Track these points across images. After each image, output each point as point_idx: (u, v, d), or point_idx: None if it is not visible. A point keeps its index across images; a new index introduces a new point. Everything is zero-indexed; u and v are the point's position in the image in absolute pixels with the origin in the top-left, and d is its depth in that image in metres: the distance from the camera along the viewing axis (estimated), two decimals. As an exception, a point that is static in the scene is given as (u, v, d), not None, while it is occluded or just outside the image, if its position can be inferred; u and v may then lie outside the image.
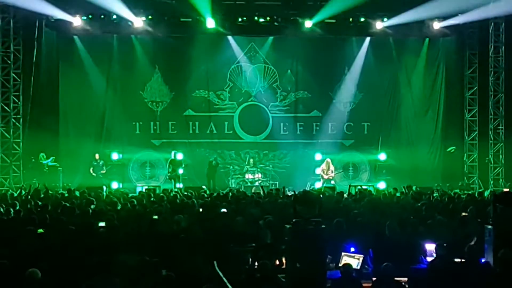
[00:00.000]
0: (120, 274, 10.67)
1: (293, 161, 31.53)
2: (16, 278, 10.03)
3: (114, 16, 29.07)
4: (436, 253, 12.18)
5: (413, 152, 31.23)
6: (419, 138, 31.62)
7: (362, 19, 29.84)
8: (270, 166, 31.41)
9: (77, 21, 29.01)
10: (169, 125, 31.34)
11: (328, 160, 29.27)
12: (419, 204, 18.49)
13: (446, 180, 29.81)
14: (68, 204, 17.60)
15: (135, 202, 18.38)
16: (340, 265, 11.84)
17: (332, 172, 29.11)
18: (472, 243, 12.30)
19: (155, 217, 15.55)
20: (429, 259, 12.65)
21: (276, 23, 30.05)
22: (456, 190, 26.59)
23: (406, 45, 31.68)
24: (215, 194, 22.98)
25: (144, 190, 24.17)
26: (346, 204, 18.88)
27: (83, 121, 30.42)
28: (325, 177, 28.86)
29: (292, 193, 21.97)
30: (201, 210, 17.69)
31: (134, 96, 31.12)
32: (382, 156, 30.58)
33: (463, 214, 16.72)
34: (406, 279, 11.49)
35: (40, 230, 13.55)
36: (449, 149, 30.73)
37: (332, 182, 28.80)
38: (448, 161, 30.79)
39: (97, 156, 28.94)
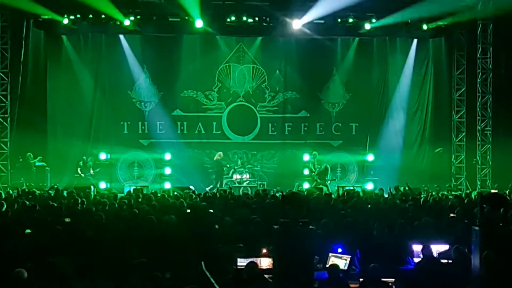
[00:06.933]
0: (107, 275, 10.67)
1: (281, 161, 31.45)
2: (3, 278, 10.00)
3: (103, 16, 28.97)
4: (422, 254, 12.22)
5: (401, 153, 31.25)
6: (407, 139, 31.65)
7: (351, 20, 29.81)
8: (258, 166, 31.33)
9: (65, 20, 28.91)
10: (157, 125, 31.21)
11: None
12: (406, 205, 18.53)
13: (434, 181, 29.79)
14: (55, 204, 17.53)
15: (125, 202, 18.36)
16: (327, 265, 11.86)
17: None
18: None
19: (142, 217, 15.54)
20: (416, 260, 12.70)
21: (265, 24, 30.04)
22: (444, 191, 26.68)
23: (394, 46, 31.74)
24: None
25: (132, 190, 24.09)
26: (334, 205, 18.90)
27: (71, 120, 30.23)
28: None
29: (279, 194, 21.94)
30: (188, 210, 17.67)
31: (122, 96, 30.98)
32: (370, 157, 30.59)
33: (451, 215, 16.80)
34: (393, 280, 11.51)
35: (28, 231, 13.52)
36: (436, 150, 30.81)
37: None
38: (436, 162, 30.80)
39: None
